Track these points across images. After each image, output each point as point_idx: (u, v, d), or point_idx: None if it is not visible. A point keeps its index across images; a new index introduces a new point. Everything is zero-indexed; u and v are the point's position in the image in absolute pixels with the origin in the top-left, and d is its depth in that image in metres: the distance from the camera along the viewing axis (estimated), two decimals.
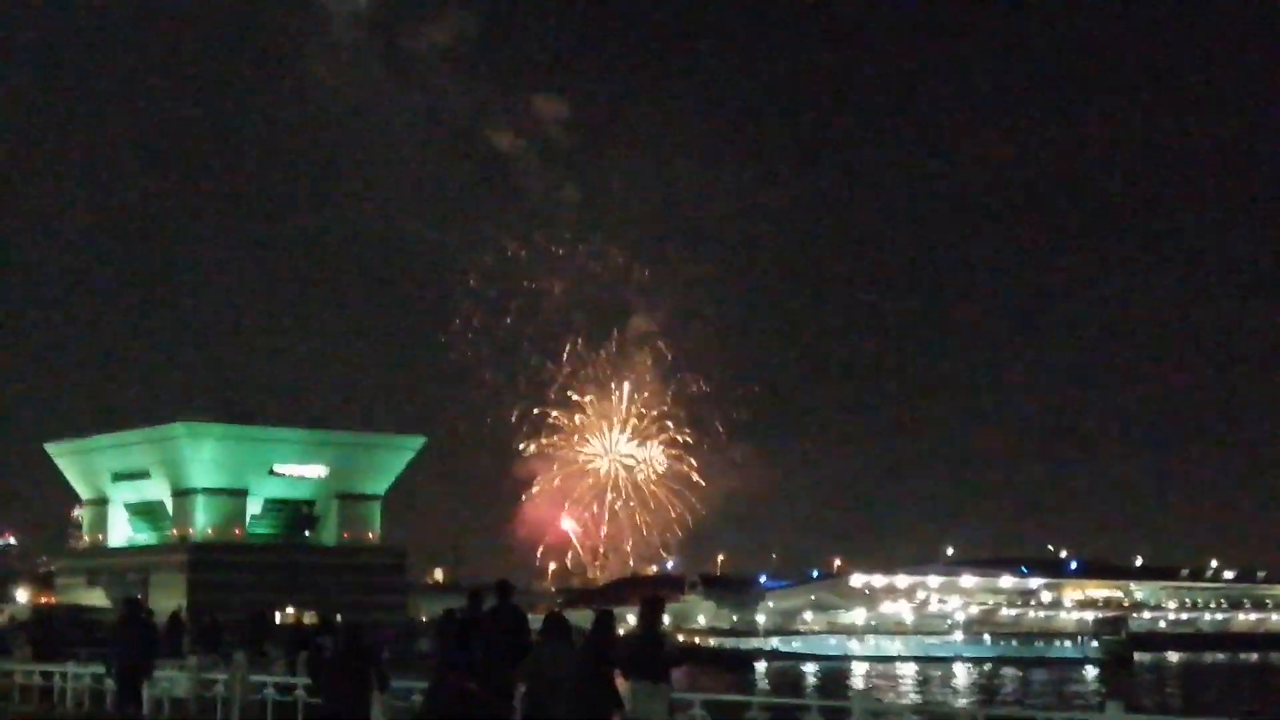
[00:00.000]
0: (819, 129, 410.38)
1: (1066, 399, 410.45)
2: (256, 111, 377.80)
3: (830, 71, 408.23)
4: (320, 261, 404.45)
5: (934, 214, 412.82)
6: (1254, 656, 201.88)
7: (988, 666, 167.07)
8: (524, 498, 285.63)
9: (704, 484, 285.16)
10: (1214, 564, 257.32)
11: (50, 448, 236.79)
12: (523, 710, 22.89)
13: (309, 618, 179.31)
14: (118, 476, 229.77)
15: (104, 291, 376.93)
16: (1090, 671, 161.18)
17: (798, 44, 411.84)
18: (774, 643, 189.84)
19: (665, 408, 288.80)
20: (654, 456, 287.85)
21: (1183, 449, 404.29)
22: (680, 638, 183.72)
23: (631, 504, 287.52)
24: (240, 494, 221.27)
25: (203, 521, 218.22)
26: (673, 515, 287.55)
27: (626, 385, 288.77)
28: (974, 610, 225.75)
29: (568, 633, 22.68)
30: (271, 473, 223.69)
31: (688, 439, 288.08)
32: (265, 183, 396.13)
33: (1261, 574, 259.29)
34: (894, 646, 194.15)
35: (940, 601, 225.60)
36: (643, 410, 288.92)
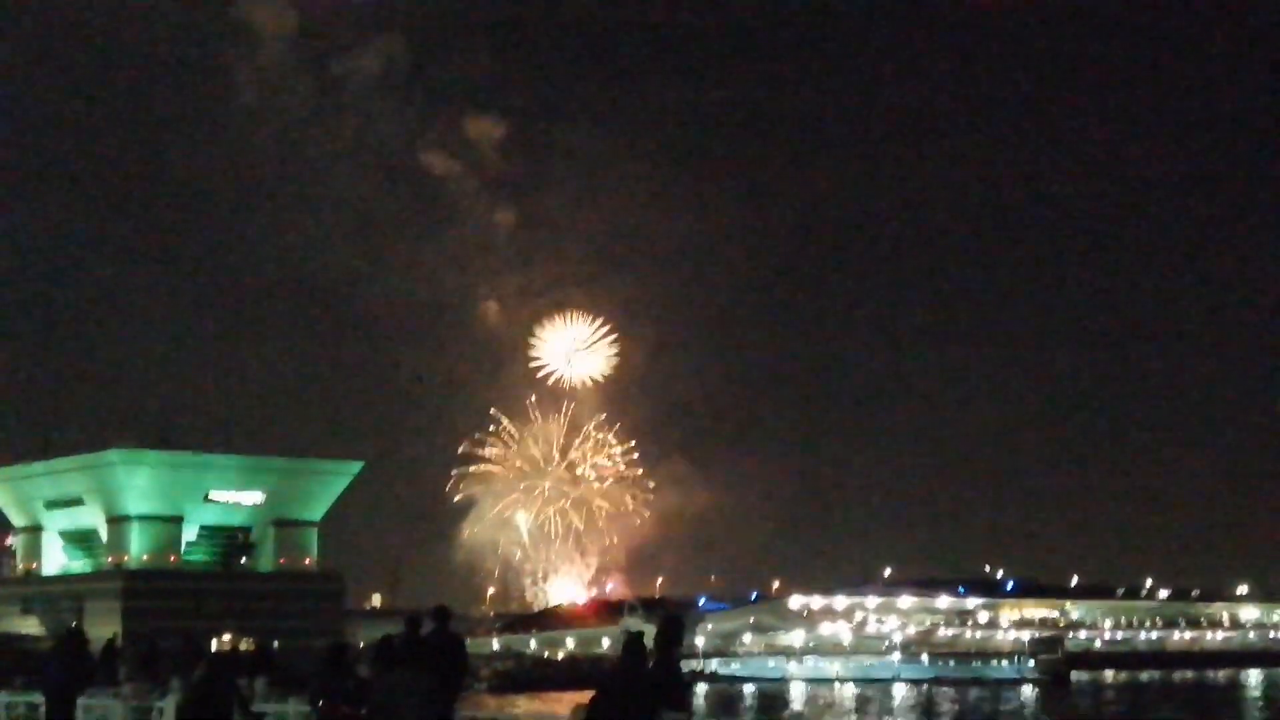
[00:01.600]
0: (762, 150, 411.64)
1: (1002, 420, 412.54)
2: (184, 134, 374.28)
3: (774, 92, 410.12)
4: (254, 288, 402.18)
5: (875, 237, 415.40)
6: (1189, 674, 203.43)
7: (925, 687, 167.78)
8: (462, 523, 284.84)
9: (643, 507, 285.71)
10: (1149, 583, 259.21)
11: None
12: None
13: (245, 644, 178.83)
14: (51, 504, 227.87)
15: (35, 318, 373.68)
16: (1027, 691, 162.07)
17: (741, 64, 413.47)
18: (713, 665, 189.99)
19: (604, 431, 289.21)
20: (594, 475, 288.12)
21: (1118, 469, 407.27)
22: None
23: (571, 527, 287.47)
24: (175, 521, 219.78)
25: (138, 548, 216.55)
26: (610, 539, 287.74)
27: (565, 408, 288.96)
28: (911, 631, 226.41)
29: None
30: (207, 499, 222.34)
31: (631, 465, 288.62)
32: (196, 208, 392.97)
33: (1196, 593, 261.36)
34: (832, 668, 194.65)
35: (878, 622, 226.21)
36: (582, 433, 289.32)
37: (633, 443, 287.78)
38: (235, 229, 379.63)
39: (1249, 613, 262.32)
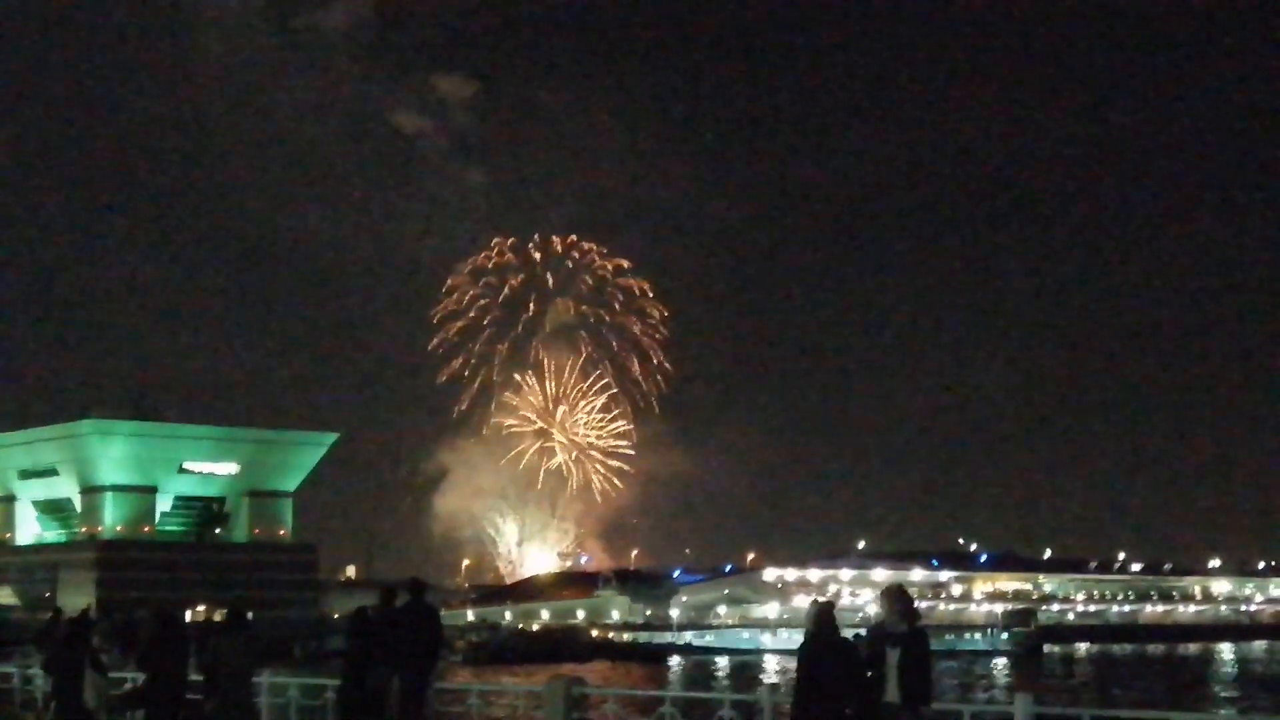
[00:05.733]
0: (740, 112, 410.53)
1: (975, 394, 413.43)
2: (143, 92, 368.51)
3: (751, 53, 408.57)
4: (227, 256, 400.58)
5: (852, 209, 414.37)
6: (1161, 647, 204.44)
7: None
8: (436, 493, 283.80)
9: (620, 481, 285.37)
10: (1121, 557, 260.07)
11: None
12: (214, 698, 24.83)
13: (219, 615, 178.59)
14: (25, 474, 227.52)
15: (7, 288, 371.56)
16: (1000, 663, 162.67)
17: (717, 23, 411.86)
18: (688, 637, 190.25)
19: (582, 399, 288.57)
20: (573, 441, 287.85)
21: (1090, 443, 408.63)
22: (594, 632, 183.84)
23: (546, 496, 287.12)
24: (150, 491, 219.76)
25: (112, 519, 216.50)
26: (593, 500, 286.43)
27: (532, 375, 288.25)
28: None
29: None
30: (181, 470, 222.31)
31: (606, 433, 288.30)
32: (159, 171, 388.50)
33: (1168, 566, 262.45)
34: None
35: (852, 595, 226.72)
36: (560, 401, 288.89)
37: (609, 411, 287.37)
38: (201, 192, 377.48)
39: (1221, 586, 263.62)
